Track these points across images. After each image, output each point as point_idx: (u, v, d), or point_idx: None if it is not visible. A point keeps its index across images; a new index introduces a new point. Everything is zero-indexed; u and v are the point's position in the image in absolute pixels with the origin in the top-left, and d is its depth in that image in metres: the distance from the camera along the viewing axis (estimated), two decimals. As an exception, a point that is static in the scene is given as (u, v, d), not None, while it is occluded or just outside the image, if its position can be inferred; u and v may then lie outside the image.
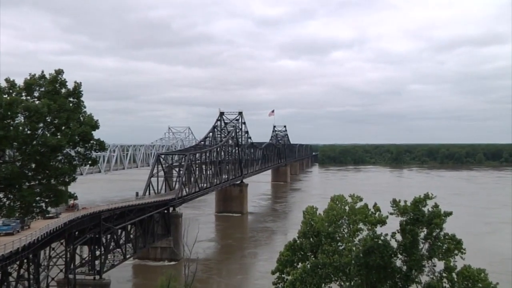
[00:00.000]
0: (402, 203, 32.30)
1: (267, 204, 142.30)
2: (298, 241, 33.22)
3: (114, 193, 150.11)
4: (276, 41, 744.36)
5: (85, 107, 28.70)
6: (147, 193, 77.51)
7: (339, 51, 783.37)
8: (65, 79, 28.13)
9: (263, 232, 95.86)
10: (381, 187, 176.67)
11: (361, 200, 33.83)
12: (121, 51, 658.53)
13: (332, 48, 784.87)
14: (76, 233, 48.06)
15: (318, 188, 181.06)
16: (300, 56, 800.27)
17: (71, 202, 47.45)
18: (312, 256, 32.40)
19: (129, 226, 62.07)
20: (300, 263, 32.00)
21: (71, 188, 31.08)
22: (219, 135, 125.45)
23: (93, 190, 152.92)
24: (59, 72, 27.96)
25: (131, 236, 63.05)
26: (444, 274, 29.87)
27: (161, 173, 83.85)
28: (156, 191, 79.93)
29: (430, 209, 32.06)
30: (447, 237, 30.81)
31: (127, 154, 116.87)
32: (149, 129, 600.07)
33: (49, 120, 27.26)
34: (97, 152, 31.30)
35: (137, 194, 74.76)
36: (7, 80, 27.46)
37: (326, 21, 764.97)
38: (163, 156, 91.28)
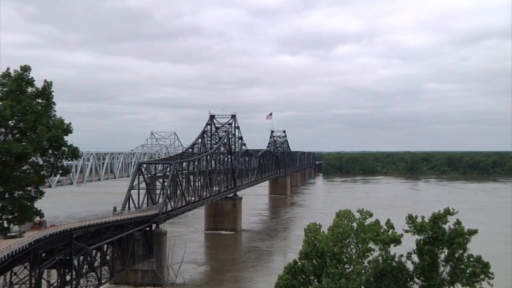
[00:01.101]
0: (419, 220, 32.32)
1: (264, 220, 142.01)
2: (299, 263, 33.14)
3: (88, 208, 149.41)
4: (273, 34, 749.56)
5: (55, 110, 28.65)
6: (126, 208, 77.13)
7: (346, 45, 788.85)
8: (32, 77, 28.07)
9: (259, 252, 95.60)
10: (394, 200, 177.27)
11: (371, 215, 33.86)
12: (96, 44, 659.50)
13: (338, 41, 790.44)
14: (43, 255, 47.67)
15: (322, 202, 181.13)
16: (301, 51, 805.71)
17: (37, 219, 47.08)
18: (316, 280, 32.32)
19: (105, 246, 61.71)
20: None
21: (38, 203, 30.81)
22: (209, 142, 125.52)
23: (63, 204, 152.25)
24: (26, 68, 27.89)
25: (108, 257, 62.64)
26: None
27: (143, 184, 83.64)
28: (136, 206, 79.63)
29: (452, 227, 32.11)
30: (471, 259, 30.77)
31: (103, 163, 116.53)
32: (129, 134, 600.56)
33: (12, 124, 27.13)
34: (69, 161, 31.19)
35: (114, 209, 74.41)
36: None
37: (330, 11, 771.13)
38: (144, 165, 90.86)
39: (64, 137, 28.14)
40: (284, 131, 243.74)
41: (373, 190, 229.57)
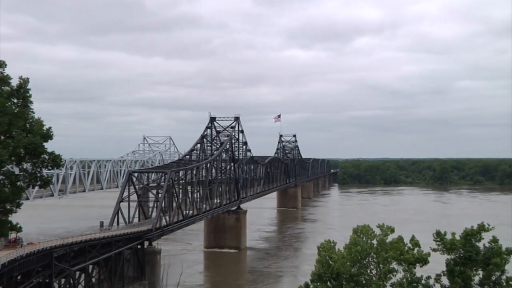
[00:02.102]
0: (448, 236, 32.12)
1: (272, 237, 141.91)
2: (311, 286, 32.97)
3: (69, 223, 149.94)
4: (281, 25, 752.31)
5: (33, 111, 28.76)
6: (115, 223, 77.25)
7: (365, 38, 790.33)
8: (8, 74, 28.22)
9: (266, 274, 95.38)
10: (415, 214, 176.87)
11: (393, 231, 33.72)
12: (80, 37, 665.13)
13: (355, 33, 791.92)
14: (19, 277, 47.70)
15: (338, 216, 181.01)
16: (313, 44, 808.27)
17: (12, 235, 47.13)
18: (331, 306, 32.14)
19: (90, 267, 61.73)
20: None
21: (14, 217, 30.86)
22: (209, 147, 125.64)
23: (42, 219, 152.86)
24: (0, 64, 28.02)
25: (93, 280, 62.66)
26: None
27: (134, 196, 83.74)
28: (126, 221, 79.74)
29: (487, 245, 31.84)
30: (511, 282, 30.48)
31: (88, 172, 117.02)
32: (118, 139, 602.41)
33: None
34: (49, 170, 31.24)
35: (101, 224, 74.53)
36: None
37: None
38: (136, 174, 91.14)
39: (44, 142, 28.18)
40: (294, 136, 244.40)
41: (391, 203, 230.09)
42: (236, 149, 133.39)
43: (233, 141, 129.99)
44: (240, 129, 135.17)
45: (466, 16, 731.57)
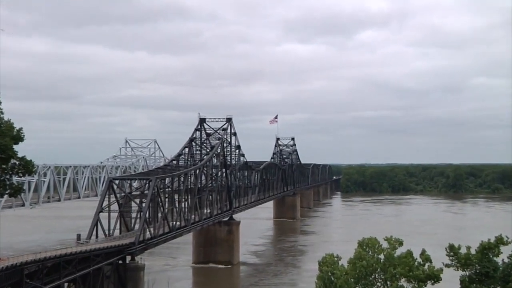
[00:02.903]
0: (463, 250, 32.23)
1: (267, 251, 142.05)
2: (312, 306, 32.97)
3: (43, 235, 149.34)
4: (279, 16, 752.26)
5: (2, 111, 28.71)
6: (94, 235, 77.06)
7: (370, 30, 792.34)
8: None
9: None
10: (427, 226, 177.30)
11: (401, 244, 33.85)
12: (55, 29, 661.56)
13: (359, 26, 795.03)
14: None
15: (340, 228, 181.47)
16: (314, 38, 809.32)
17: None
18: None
19: (66, 285, 61.42)
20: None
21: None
22: (198, 152, 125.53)
23: (12, 231, 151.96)
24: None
25: (69, 299, 62.39)
26: None
27: (115, 206, 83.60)
28: (106, 233, 79.64)
29: (506, 260, 31.98)
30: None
31: (64, 179, 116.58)
32: (97, 142, 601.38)
33: None
34: (20, 177, 31.17)
35: (78, 237, 74.43)
36: None
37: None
38: (117, 181, 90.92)
39: (14, 146, 28.10)
40: (293, 139, 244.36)
41: (398, 213, 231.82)
42: (228, 153, 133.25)
43: (225, 145, 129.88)
44: (232, 131, 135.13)
45: (482, 7, 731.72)
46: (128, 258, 75.47)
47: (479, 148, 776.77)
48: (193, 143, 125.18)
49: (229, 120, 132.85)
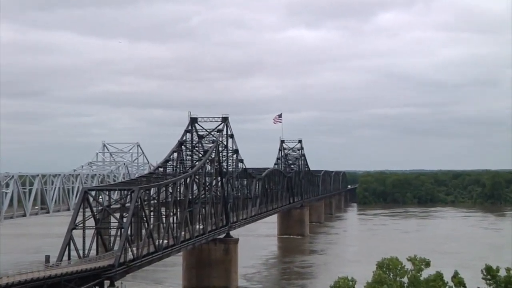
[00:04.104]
0: (502, 273, 32.26)
1: (271, 274, 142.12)
2: None
3: (5, 257, 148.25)
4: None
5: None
6: (66, 256, 76.91)
7: (390, 13, 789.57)
8: None
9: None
10: (456, 243, 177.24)
11: (428, 265, 33.85)
12: (18, 13, 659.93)
13: (378, 7, 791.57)
14: None
15: (356, 246, 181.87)
16: (323, 22, 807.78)
17: None
18: None
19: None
20: None
21: None
22: (189, 157, 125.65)
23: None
24: None
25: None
26: None
27: (91, 221, 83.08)
28: (81, 254, 79.40)
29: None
30: None
31: (30, 190, 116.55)
32: (70, 147, 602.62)
33: None
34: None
35: (47, 258, 74.17)
36: None
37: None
38: (93, 193, 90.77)
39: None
40: (300, 141, 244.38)
41: (435, 229, 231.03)
42: (224, 159, 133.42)
43: (220, 149, 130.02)
44: (229, 133, 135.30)
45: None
46: (107, 283, 75.16)
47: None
48: (183, 147, 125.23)
49: (225, 119, 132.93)
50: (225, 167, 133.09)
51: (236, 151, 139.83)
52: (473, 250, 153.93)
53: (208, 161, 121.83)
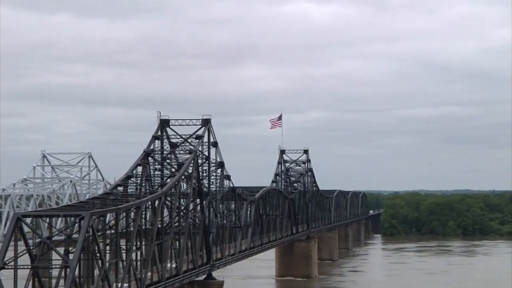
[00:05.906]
0: None
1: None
2: None
3: None
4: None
5: None
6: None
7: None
8: None
9: None
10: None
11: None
12: None
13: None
14: None
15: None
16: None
17: None
18: None
19: None
20: None
21: None
22: (158, 172, 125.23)
23: None
24: None
25: None
26: None
27: (25, 258, 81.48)
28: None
29: None
30: None
31: None
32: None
33: None
34: None
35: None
36: None
37: None
38: (29, 220, 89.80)
39: None
40: (306, 151, 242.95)
41: (488, 271, 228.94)
42: (205, 174, 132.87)
43: (199, 162, 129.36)
44: (211, 140, 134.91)
45: None
46: None
47: None
48: (150, 158, 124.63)
49: (206, 122, 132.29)
50: (206, 185, 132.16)
51: (221, 164, 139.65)
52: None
53: (183, 177, 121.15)
